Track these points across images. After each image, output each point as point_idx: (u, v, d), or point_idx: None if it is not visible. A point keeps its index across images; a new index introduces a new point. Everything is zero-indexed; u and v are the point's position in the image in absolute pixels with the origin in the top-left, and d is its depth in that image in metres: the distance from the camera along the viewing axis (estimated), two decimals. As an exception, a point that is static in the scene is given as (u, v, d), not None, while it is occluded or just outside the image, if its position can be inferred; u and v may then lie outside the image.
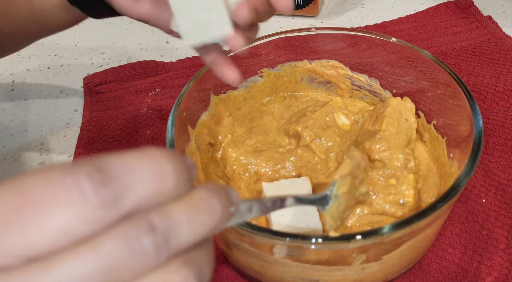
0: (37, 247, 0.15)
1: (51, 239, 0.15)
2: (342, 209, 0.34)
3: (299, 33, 0.52)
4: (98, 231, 0.16)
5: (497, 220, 0.45)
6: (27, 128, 0.64)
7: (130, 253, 0.16)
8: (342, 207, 0.34)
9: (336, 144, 0.48)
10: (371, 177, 0.42)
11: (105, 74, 0.69)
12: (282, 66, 0.54)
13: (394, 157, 0.43)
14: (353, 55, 0.53)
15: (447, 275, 0.42)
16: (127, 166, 0.16)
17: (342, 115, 0.51)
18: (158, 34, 0.79)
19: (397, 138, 0.45)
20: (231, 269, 0.44)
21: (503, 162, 0.50)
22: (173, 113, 0.43)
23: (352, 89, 0.55)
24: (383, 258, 0.37)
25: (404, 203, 0.40)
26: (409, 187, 0.41)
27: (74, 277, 0.15)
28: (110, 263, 0.15)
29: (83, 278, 0.15)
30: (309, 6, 0.76)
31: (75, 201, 0.15)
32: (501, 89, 0.58)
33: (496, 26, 0.70)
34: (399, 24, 0.73)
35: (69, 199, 0.15)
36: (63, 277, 0.15)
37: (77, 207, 0.15)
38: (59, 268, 0.15)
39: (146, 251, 0.16)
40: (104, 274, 0.15)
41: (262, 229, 0.33)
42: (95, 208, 0.15)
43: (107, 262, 0.15)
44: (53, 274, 0.15)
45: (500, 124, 0.53)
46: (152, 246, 0.16)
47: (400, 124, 0.46)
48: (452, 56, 0.65)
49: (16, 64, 0.76)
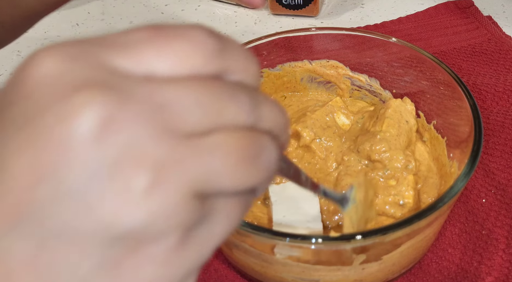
0: (158, 67, 0.16)
1: (174, 64, 0.16)
2: (360, 215, 0.35)
3: (299, 33, 0.52)
4: (208, 72, 0.17)
5: (497, 220, 0.45)
6: (27, 128, 0.64)
7: (230, 96, 0.17)
8: (360, 213, 0.34)
9: (336, 144, 0.48)
10: (371, 178, 0.42)
11: (105, 74, 0.69)
12: (282, 66, 0.54)
13: (394, 158, 0.43)
14: (353, 55, 0.53)
15: (447, 275, 0.42)
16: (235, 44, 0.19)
17: (342, 115, 0.51)
18: (158, 34, 0.79)
19: (398, 140, 0.45)
20: (231, 269, 0.44)
21: (503, 162, 0.50)
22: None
23: (352, 89, 0.55)
24: (383, 258, 0.37)
25: (403, 204, 0.40)
26: (409, 188, 0.41)
27: (180, 100, 0.16)
28: (215, 96, 0.16)
29: (186, 101, 0.16)
30: (309, 6, 0.76)
31: (197, 40, 0.17)
32: (501, 89, 0.58)
33: (496, 26, 0.70)
34: (399, 24, 0.73)
35: (196, 40, 0.17)
36: (171, 97, 0.16)
37: (200, 48, 0.17)
38: (171, 87, 0.16)
39: (243, 103, 0.17)
40: (205, 104, 0.16)
41: (262, 229, 0.33)
42: (212, 53, 0.17)
43: (212, 95, 0.16)
44: (165, 92, 0.16)
45: (500, 124, 0.53)
46: (248, 101, 0.17)
47: (400, 126, 0.46)
48: (452, 56, 0.65)
49: (16, 64, 0.76)
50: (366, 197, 0.36)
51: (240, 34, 0.77)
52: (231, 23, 0.80)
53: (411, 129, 0.47)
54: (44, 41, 0.80)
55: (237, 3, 0.46)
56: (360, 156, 0.44)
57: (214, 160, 0.16)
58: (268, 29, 0.77)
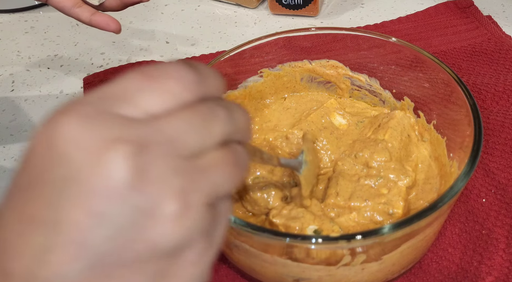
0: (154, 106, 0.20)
1: (165, 100, 0.20)
2: (312, 175, 0.42)
3: (299, 33, 0.52)
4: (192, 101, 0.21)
5: (497, 220, 0.45)
6: (27, 129, 0.64)
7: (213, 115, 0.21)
8: (312, 172, 0.42)
9: (332, 144, 0.48)
10: (363, 184, 0.42)
11: (105, 74, 0.69)
12: (282, 66, 0.54)
13: (391, 168, 0.43)
14: (353, 55, 0.53)
15: (447, 275, 0.42)
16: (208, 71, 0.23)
17: (338, 116, 0.51)
18: (158, 34, 0.79)
19: (399, 152, 0.45)
20: (231, 269, 0.44)
21: (503, 162, 0.50)
22: (173, 114, 0.43)
23: (352, 89, 0.55)
24: (383, 258, 0.37)
25: (392, 214, 0.40)
26: (400, 198, 0.41)
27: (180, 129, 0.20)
28: (203, 118, 0.21)
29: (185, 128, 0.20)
30: (309, 6, 0.76)
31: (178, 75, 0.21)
32: (501, 89, 0.58)
33: (496, 26, 0.70)
34: (399, 24, 0.73)
35: (177, 76, 0.21)
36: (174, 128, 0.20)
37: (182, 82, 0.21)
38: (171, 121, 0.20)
39: (221, 117, 0.22)
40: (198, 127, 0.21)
41: (262, 229, 0.33)
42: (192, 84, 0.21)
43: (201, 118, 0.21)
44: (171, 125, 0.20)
45: (500, 124, 0.53)
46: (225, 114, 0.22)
47: (402, 139, 0.46)
48: (452, 56, 0.65)
49: (16, 64, 0.76)
50: (313, 159, 0.43)
51: (240, 34, 0.77)
52: (231, 23, 0.80)
53: (411, 142, 0.47)
54: (44, 41, 0.80)
55: (90, 26, 0.52)
56: (356, 162, 0.44)
57: (217, 174, 0.21)
58: (268, 29, 0.77)
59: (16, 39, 0.82)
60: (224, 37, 0.77)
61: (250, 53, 0.51)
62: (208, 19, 0.82)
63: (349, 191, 0.42)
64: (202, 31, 0.78)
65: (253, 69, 0.53)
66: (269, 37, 0.51)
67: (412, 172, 0.43)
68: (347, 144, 0.48)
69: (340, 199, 0.41)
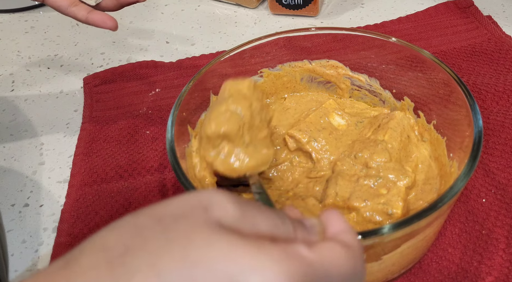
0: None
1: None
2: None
3: (299, 33, 0.52)
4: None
5: (497, 220, 0.45)
6: (27, 129, 0.64)
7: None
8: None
9: (332, 144, 0.48)
10: (362, 184, 0.42)
11: (105, 74, 0.69)
12: (282, 66, 0.54)
13: (391, 168, 0.43)
14: (353, 55, 0.53)
15: (447, 275, 0.42)
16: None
17: (336, 116, 0.51)
18: (158, 34, 0.79)
19: (399, 153, 0.45)
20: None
21: (503, 162, 0.50)
22: (173, 113, 0.43)
23: (352, 89, 0.55)
24: (383, 258, 0.37)
25: (392, 214, 0.40)
26: (399, 198, 0.41)
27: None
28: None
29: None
30: (309, 6, 0.76)
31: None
32: (501, 89, 0.58)
33: (496, 26, 0.70)
34: (399, 24, 0.73)
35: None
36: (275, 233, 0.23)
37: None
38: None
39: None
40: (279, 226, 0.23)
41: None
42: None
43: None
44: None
45: (500, 124, 0.53)
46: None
47: (402, 140, 0.46)
48: (452, 56, 0.65)
49: (16, 64, 0.76)
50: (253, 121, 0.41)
51: (240, 34, 0.77)
52: (231, 23, 0.80)
53: (411, 143, 0.47)
54: (44, 41, 0.80)
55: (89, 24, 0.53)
56: (356, 162, 0.44)
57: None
58: (268, 29, 0.77)
59: (16, 39, 0.82)
60: (224, 37, 0.77)
61: (250, 53, 0.51)
62: (208, 19, 0.82)
63: (348, 191, 0.42)
64: (202, 31, 0.78)
65: (253, 69, 0.54)
66: (269, 37, 0.51)
67: (411, 172, 0.43)
68: (346, 144, 0.48)
69: (339, 199, 0.41)
